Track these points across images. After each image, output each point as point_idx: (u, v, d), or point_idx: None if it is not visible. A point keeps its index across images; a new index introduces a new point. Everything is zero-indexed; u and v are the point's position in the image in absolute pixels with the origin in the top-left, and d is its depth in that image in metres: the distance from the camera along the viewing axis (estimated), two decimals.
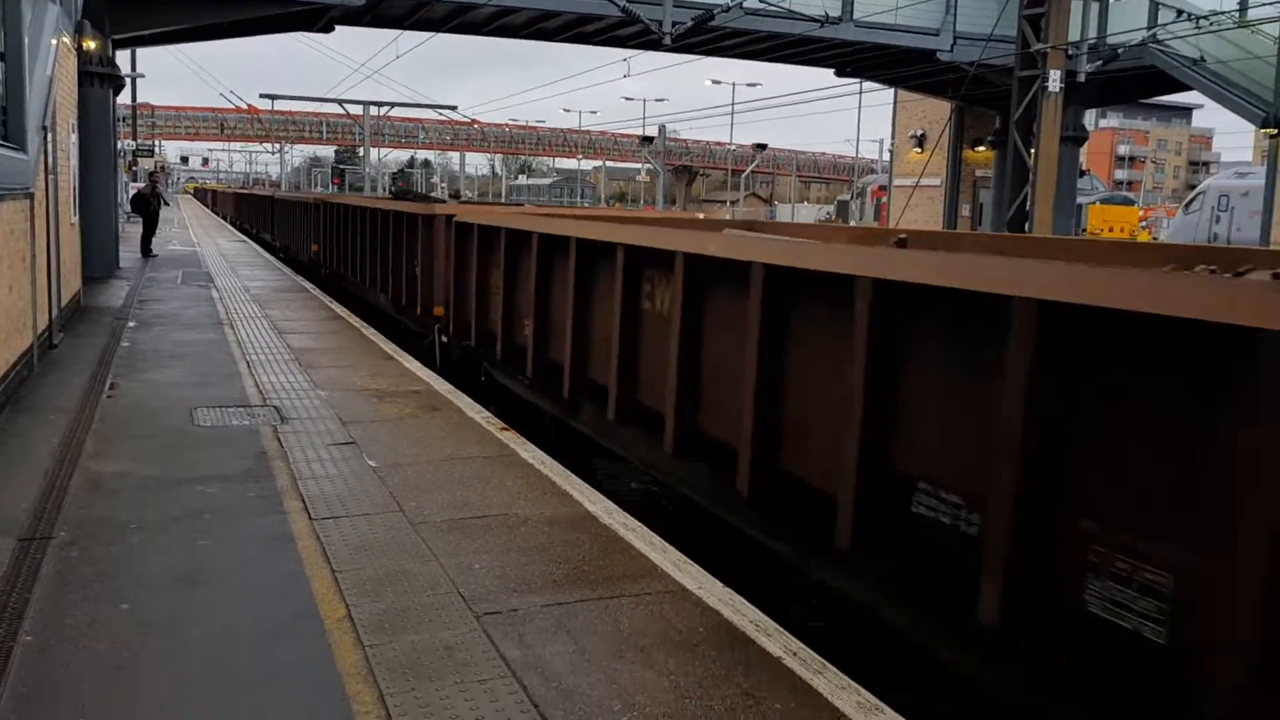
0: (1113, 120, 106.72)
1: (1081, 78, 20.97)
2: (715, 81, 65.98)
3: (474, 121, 69.50)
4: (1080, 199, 32.51)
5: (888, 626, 4.13)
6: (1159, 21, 22.70)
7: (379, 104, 48.08)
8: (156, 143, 64.82)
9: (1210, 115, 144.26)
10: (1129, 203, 41.18)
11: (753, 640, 4.15)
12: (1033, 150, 14.83)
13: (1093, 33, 23.80)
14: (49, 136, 10.92)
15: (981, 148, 30.36)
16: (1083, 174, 34.42)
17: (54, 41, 11.77)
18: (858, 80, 32.50)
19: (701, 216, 19.43)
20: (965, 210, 31.18)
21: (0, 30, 9.05)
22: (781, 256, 4.61)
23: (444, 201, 15.67)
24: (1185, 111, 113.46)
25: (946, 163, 30.89)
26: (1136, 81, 25.06)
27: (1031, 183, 14.83)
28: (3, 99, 9.21)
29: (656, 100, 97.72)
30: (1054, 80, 14.65)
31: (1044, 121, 14.74)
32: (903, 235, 6.73)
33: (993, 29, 18.03)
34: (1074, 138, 26.05)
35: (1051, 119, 14.78)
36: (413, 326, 12.20)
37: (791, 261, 4.52)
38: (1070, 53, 18.55)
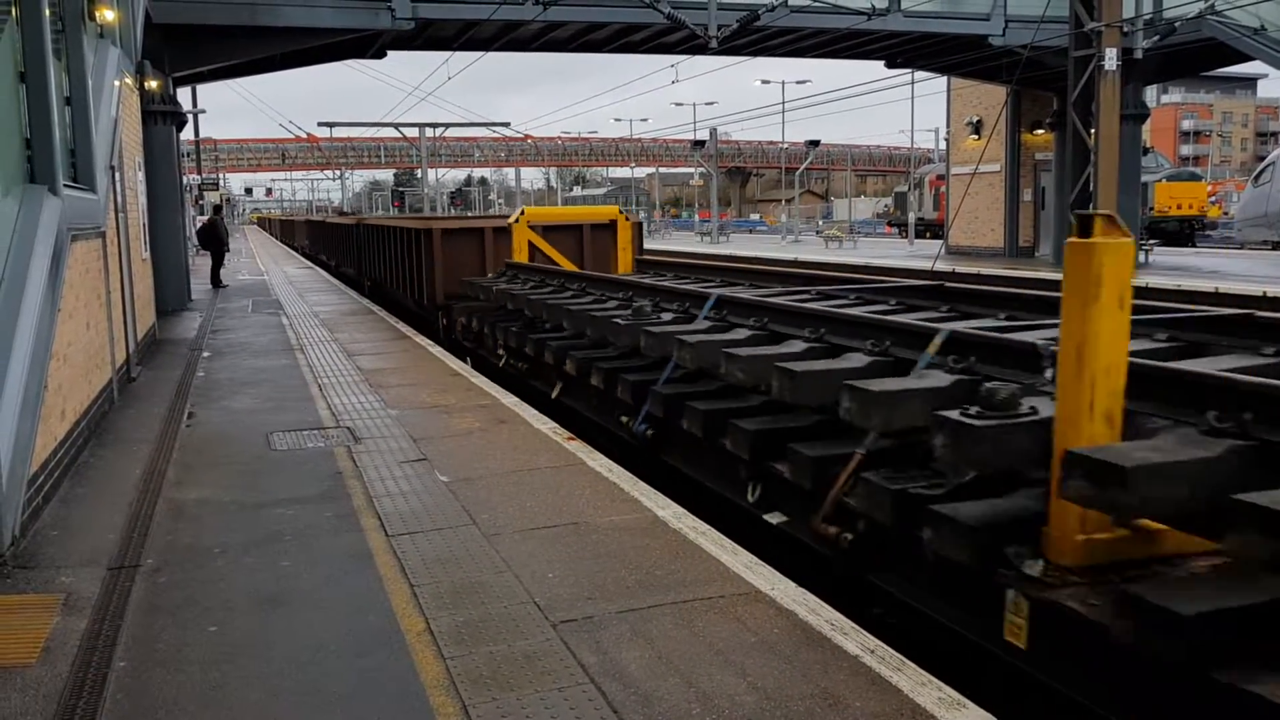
0: (1175, 95, 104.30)
1: (1138, 54, 20.55)
2: (764, 81, 65.77)
3: (527, 136, 70.12)
4: (1145, 177, 31.84)
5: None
6: None
7: (434, 125, 48.72)
8: (221, 175, 66.34)
9: (1276, 84, 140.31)
10: (1196, 178, 40.25)
11: (829, 639, 4.14)
12: (1093, 130, 14.57)
13: (1148, 8, 23.30)
14: (117, 176, 11.27)
15: (1040, 131, 29.85)
16: (1146, 151, 33.72)
17: (117, 83, 12.14)
18: (909, 71, 32.18)
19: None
20: (1027, 195, 30.68)
21: (65, 75, 9.36)
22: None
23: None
24: (1250, 82, 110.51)
25: (1005, 148, 30.41)
26: (1196, 55, 24.47)
27: (1094, 163, 14.56)
28: (71, 142, 9.52)
29: (706, 104, 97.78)
30: (1110, 58, 14.38)
31: (1103, 101, 14.48)
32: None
33: (1044, 10, 17.73)
34: (1135, 115, 25.51)
35: (1110, 98, 14.51)
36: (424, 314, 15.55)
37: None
38: (1125, 29, 18.19)
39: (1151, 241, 30.75)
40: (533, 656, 4.07)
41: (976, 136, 31.66)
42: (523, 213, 14.32)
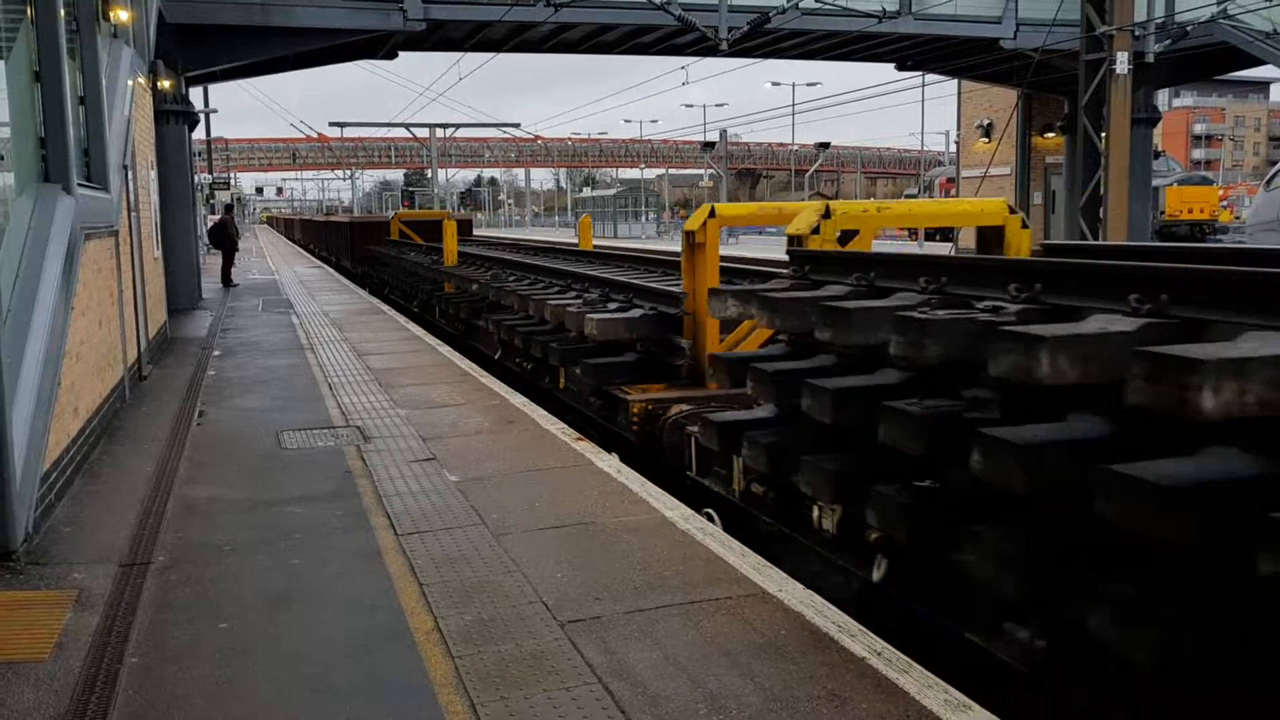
0: (1187, 99, 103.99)
1: (1150, 58, 20.52)
2: (775, 84, 65.85)
3: (537, 138, 70.18)
4: (1157, 181, 31.78)
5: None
6: None
7: (444, 126, 48.83)
8: (232, 175, 66.56)
9: None
10: (1208, 182, 40.15)
11: (836, 641, 4.16)
12: (1104, 134, 14.54)
13: (1159, 11, 23.26)
14: (130, 175, 11.34)
15: (1051, 134, 29.81)
16: (1158, 155, 33.63)
17: (130, 83, 12.21)
18: (919, 73, 32.16)
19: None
20: (1037, 198, 30.64)
21: (79, 75, 9.42)
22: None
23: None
24: (1263, 86, 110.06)
25: (1015, 151, 30.39)
26: (1209, 59, 24.41)
27: (1104, 167, 14.53)
28: (85, 141, 9.58)
29: (716, 105, 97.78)
30: (1121, 62, 14.35)
31: (1114, 105, 14.45)
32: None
33: (1055, 14, 17.73)
34: (1146, 119, 25.45)
35: (1121, 102, 14.48)
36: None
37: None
38: (1137, 33, 18.17)
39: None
40: (541, 656, 4.09)
41: (987, 139, 31.63)
42: (396, 214, 27.16)
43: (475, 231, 39.30)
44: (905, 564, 4.71)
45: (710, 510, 6.21)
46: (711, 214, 7.77)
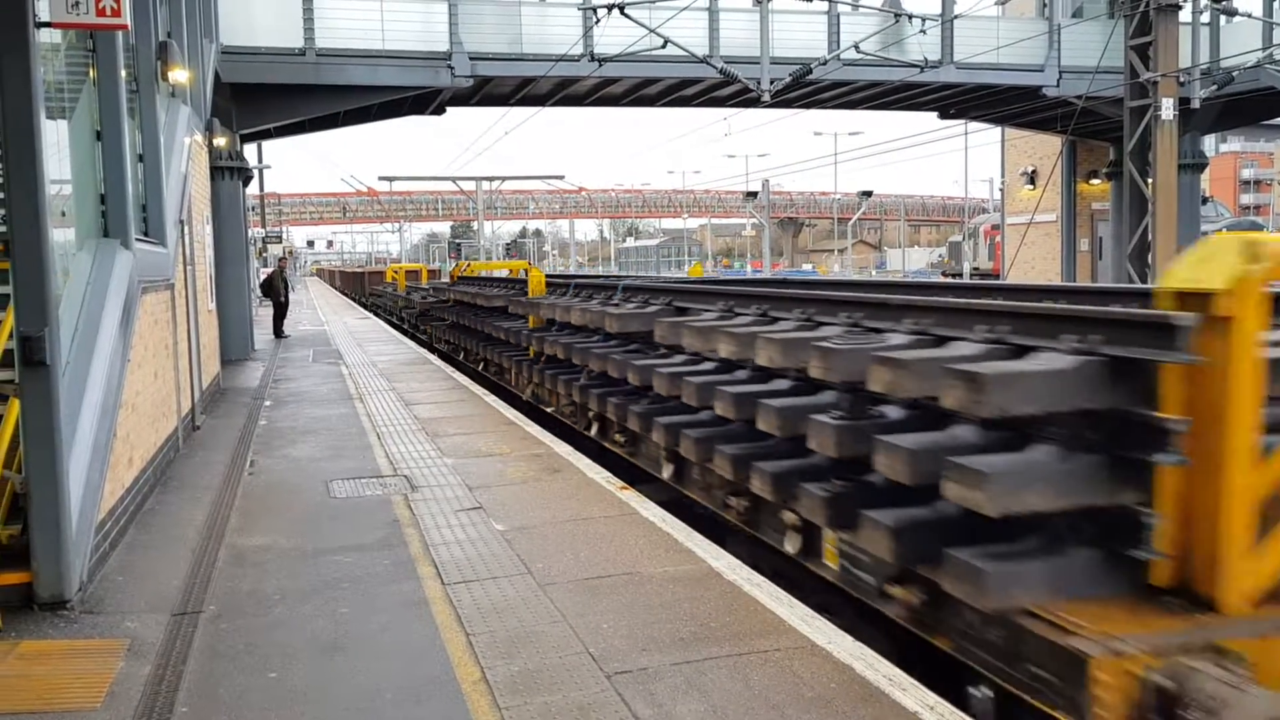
0: (1234, 144, 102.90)
1: (1195, 104, 20.38)
2: (817, 134, 66.20)
3: (581, 189, 70.89)
4: (1205, 227, 31.35)
5: None
6: (1274, 41, 21.97)
7: (490, 179, 49.49)
8: (284, 229, 67.96)
9: None
10: (1257, 227, 39.52)
11: (887, 695, 4.10)
12: (1150, 180, 14.42)
13: (1204, 57, 23.15)
14: (186, 229, 11.61)
15: (1096, 181, 29.63)
16: (1206, 201, 33.25)
17: (187, 140, 12.55)
18: (962, 121, 32.17)
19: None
20: (1084, 245, 30.39)
21: (138, 133, 9.71)
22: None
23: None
24: None
25: (1061, 198, 30.22)
26: (1255, 103, 24.24)
27: (1151, 213, 14.38)
28: (143, 197, 9.84)
29: (759, 155, 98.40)
30: (1167, 108, 14.27)
31: (1160, 150, 14.34)
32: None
33: (1099, 61, 17.70)
34: (1193, 165, 25.24)
35: (1167, 148, 14.37)
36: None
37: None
38: (1182, 79, 18.08)
39: None
40: (587, 707, 4.08)
41: (1031, 186, 31.50)
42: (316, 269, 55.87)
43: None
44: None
45: None
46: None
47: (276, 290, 25.22)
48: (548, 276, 14.47)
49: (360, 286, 50.41)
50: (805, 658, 4.49)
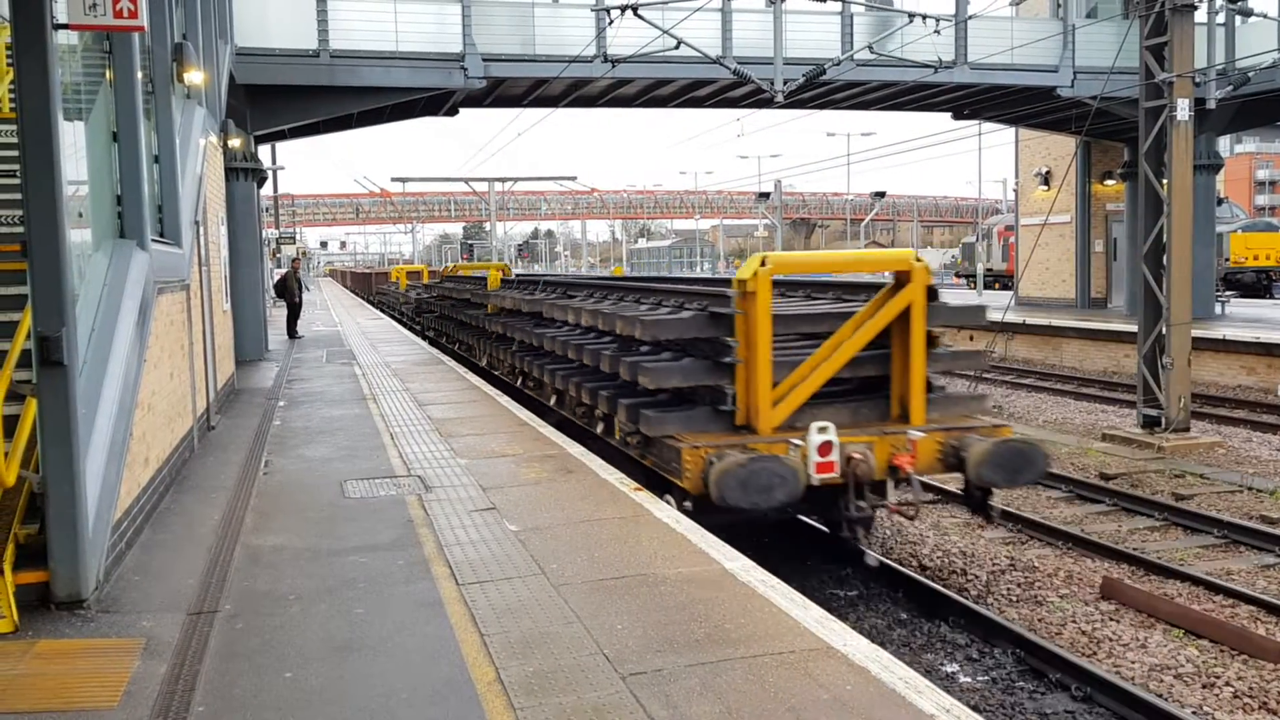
0: (1249, 145, 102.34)
1: (1211, 104, 20.27)
2: (830, 134, 66.06)
3: (593, 190, 70.88)
4: (1220, 228, 31.26)
5: None
6: None
7: (502, 180, 49.58)
8: (298, 229, 68.23)
9: None
10: (1272, 229, 39.32)
11: (903, 697, 4.09)
12: (1165, 181, 14.33)
13: (1220, 58, 23.02)
14: (201, 230, 11.65)
15: (1111, 181, 29.51)
16: (1221, 202, 33.09)
17: (202, 141, 12.59)
18: (976, 121, 32.07)
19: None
20: (1099, 246, 30.26)
21: (154, 134, 9.74)
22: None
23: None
24: None
25: (1075, 198, 30.09)
26: (1271, 104, 24.08)
27: (1166, 214, 14.29)
28: (159, 198, 9.88)
29: (771, 156, 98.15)
30: (1182, 109, 14.17)
31: (1175, 151, 14.24)
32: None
33: (1113, 62, 17.59)
34: (1208, 165, 25.12)
35: (1183, 148, 14.27)
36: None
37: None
38: (1198, 80, 17.98)
39: (1228, 293, 30.09)
40: (602, 709, 4.07)
41: (1046, 187, 31.37)
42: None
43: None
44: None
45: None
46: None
47: (291, 291, 25.28)
48: (503, 277, 18.68)
49: (368, 286, 58.45)
50: (821, 660, 4.48)
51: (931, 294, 8.32)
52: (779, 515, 8.76)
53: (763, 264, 7.87)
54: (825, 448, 7.53)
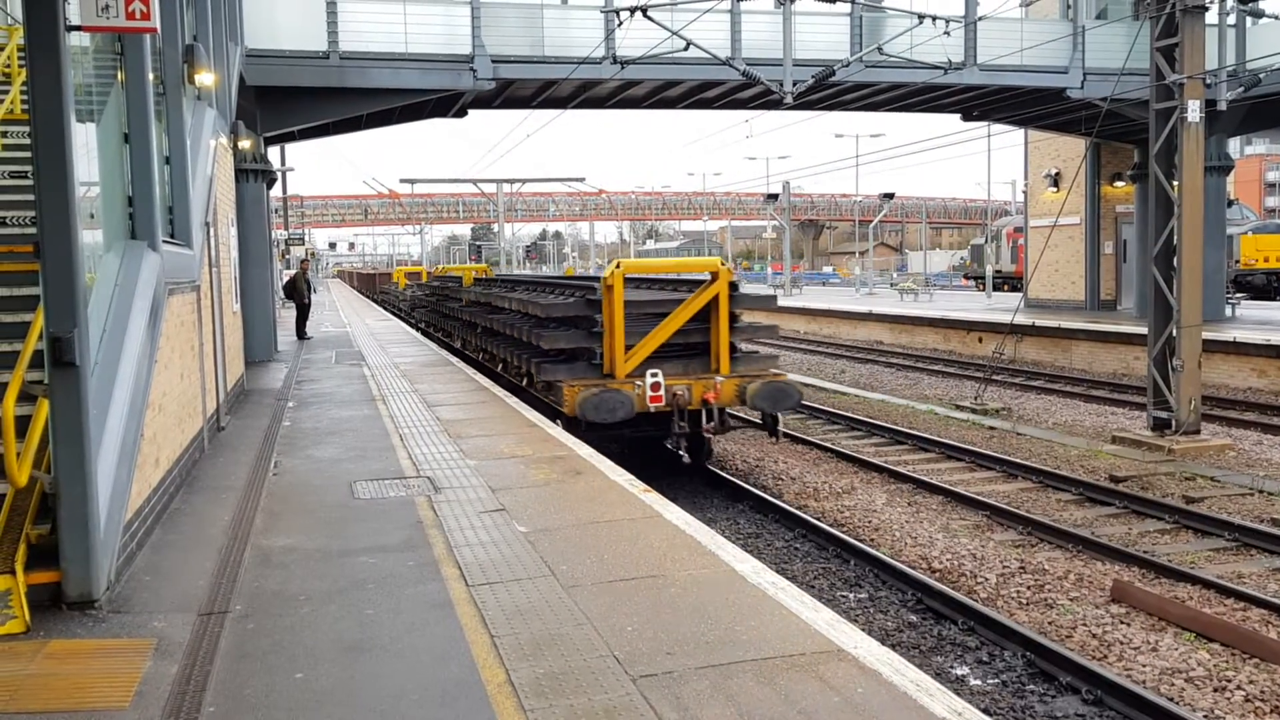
0: (1259, 146, 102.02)
1: (1222, 106, 20.20)
2: (839, 135, 65.96)
3: (601, 191, 70.87)
4: (1230, 229, 31.12)
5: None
6: None
7: (511, 181, 49.62)
8: (307, 231, 68.40)
9: None
10: None
11: (915, 700, 4.08)
12: (1175, 183, 14.28)
13: (1231, 59, 22.94)
14: (211, 232, 11.68)
15: (1121, 183, 29.42)
16: (1231, 204, 32.98)
17: (212, 143, 12.62)
18: (985, 123, 32.00)
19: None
20: (1108, 247, 30.18)
21: (165, 136, 9.76)
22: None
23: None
24: None
25: (1085, 200, 30.01)
26: None
27: (1177, 216, 14.23)
28: (169, 199, 9.90)
29: (780, 158, 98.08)
30: (1193, 111, 14.11)
31: (1185, 153, 14.19)
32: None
33: (1124, 63, 17.55)
34: (1219, 167, 25.04)
35: (1193, 150, 14.21)
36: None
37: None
38: (1208, 81, 17.93)
39: (1239, 295, 29.98)
40: (613, 711, 4.07)
41: (1055, 189, 31.30)
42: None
43: None
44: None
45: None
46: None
47: (300, 292, 25.34)
48: (479, 276, 23.97)
49: (373, 285, 65.06)
50: (832, 662, 4.47)
51: (734, 287, 12.43)
52: (634, 433, 12.09)
53: (617, 267, 11.97)
54: (656, 386, 11.58)
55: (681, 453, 11.99)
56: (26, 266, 7.51)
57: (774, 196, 55.13)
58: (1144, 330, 15.98)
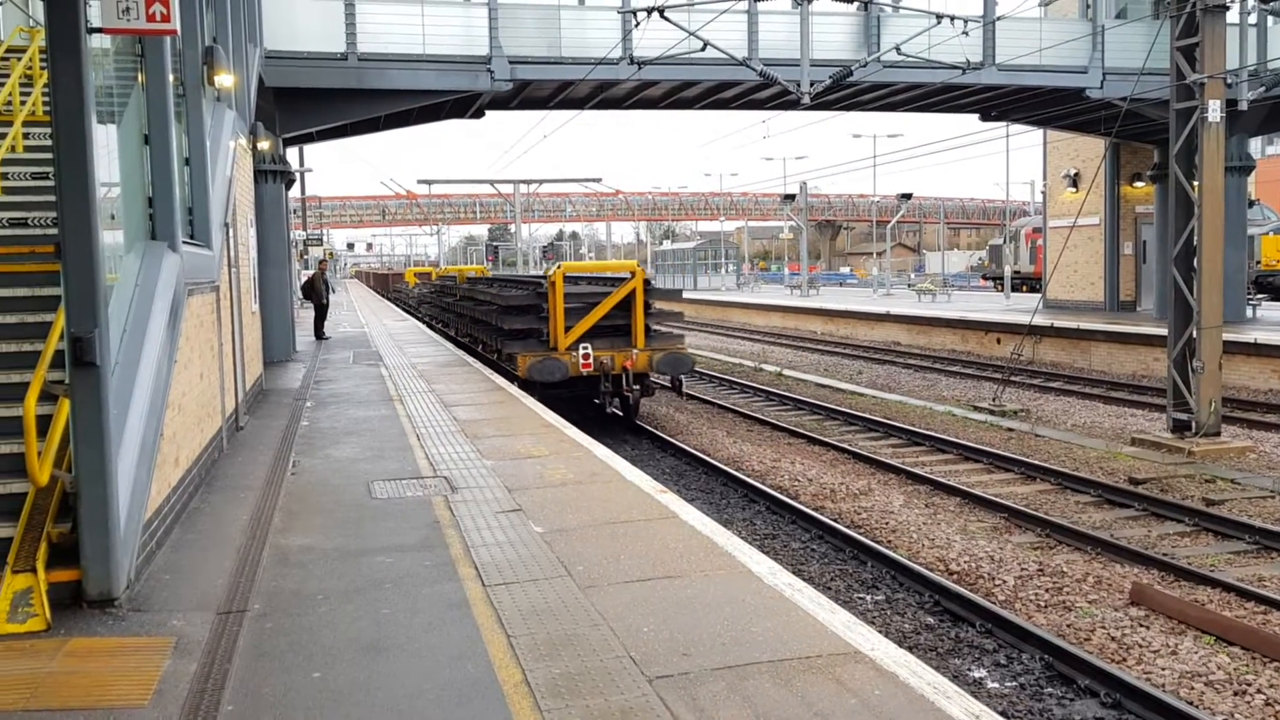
0: None
1: (1243, 105, 20.07)
2: (856, 136, 65.88)
3: (618, 191, 70.92)
4: (1252, 230, 30.89)
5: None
6: None
7: (528, 181, 49.71)
8: (325, 231, 68.85)
9: None
10: None
11: (932, 703, 4.06)
12: (1196, 183, 14.19)
13: (1252, 58, 22.77)
14: (230, 232, 11.74)
15: (1140, 183, 29.24)
16: (1252, 204, 32.71)
17: (232, 144, 12.69)
18: (1004, 123, 31.86)
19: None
20: (1128, 248, 29.99)
21: (185, 137, 9.82)
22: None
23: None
24: None
25: (1104, 200, 29.83)
26: None
27: (1197, 217, 14.14)
28: (189, 200, 9.96)
29: (797, 158, 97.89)
30: (1214, 111, 14.01)
31: (1206, 153, 14.09)
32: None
33: (1144, 63, 17.45)
34: (1240, 167, 24.86)
35: (1214, 150, 14.11)
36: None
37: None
38: (1229, 81, 17.81)
39: (1259, 296, 29.73)
40: (629, 711, 4.07)
41: (1074, 189, 31.13)
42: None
43: None
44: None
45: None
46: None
47: (318, 293, 25.45)
48: (472, 275, 28.57)
49: (387, 284, 71.65)
50: (849, 664, 4.46)
51: (648, 283, 16.31)
52: (570, 393, 15.90)
53: (559, 268, 16.26)
54: (586, 356, 15.38)
55: (616, 410, 16.84)
56: (48, 267, 7.56)
57: (791, 197, 55.03)
58: (1164, 331, 15.89)
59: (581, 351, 15.31)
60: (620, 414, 16.55)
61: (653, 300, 16.48)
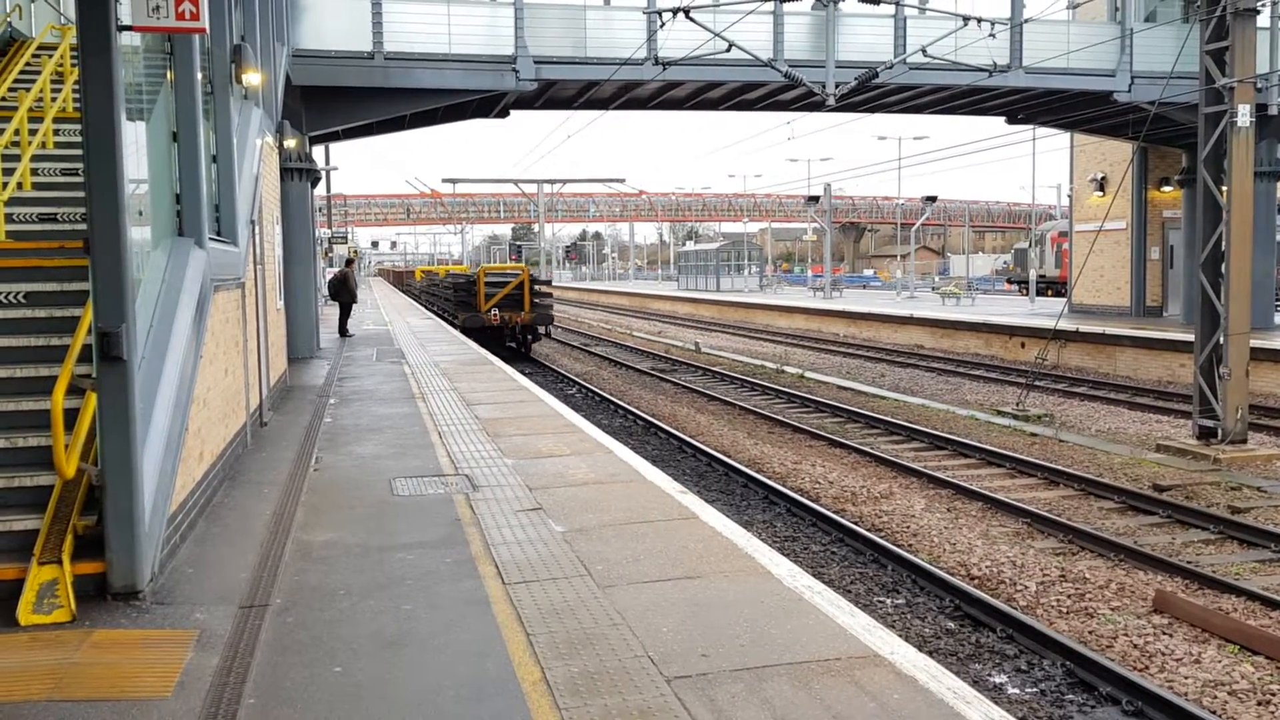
0: None
1: (1273, 110, 19.89)
2: (881, 138, 65.63)
3: (641, 192, 71.01)
4: None
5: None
6: None
7: (551, 181, 49.84)
8: (350, 229, 69.41)
9: None
10: None
11: (952, 707, 4.05)
12: (1224, 188, 14.06)
13: None
14: (256, 230, 11.83)
15: (1168, 188, 28.99)
16: None
17: (259, 142, 12.78)
18: (1030, 126, 31.67)
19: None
20: (1155, 253, 29.74)
21: (213, 135, 9.91)
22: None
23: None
24: None
25: (1131, 205, 29.60)
26: None
27: (1225, 222, 14.02)
28: (216, 197, 10.04)
29: (821, 160, 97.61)
30: (1243, 115, 13.88)
31: (1235, 158, 13.96)
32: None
33: (1173, 66, 17.30)
34: (1270, 172, 24.60)
35: (1243, 155, 13.98)
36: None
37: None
38: (1259, 85, 17.64)
39: None
40: (647, 711, 4.08)
41: (1101, 193, 30.91)
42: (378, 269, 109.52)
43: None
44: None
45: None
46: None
47: (350, 290, 25.63)
48: (450, 273, 39.68)
49: (403, 281, 77.30)
50: (868, 668, 4.45)
51: (532, 277, 28.17)
52: (494, 336, 26.89)
53: (480, 268, 29.37)
54: (495, 316, 26.97)
55: (519, 346, 28.32)
56: (76, 262, 7.64)
57: (815, 199, 54.90)
58: (1190, 337, 15.75)
59: (493, 313, 27.06)
60: (518, 348, 28.29)
61: (538, 285, 28.23)
